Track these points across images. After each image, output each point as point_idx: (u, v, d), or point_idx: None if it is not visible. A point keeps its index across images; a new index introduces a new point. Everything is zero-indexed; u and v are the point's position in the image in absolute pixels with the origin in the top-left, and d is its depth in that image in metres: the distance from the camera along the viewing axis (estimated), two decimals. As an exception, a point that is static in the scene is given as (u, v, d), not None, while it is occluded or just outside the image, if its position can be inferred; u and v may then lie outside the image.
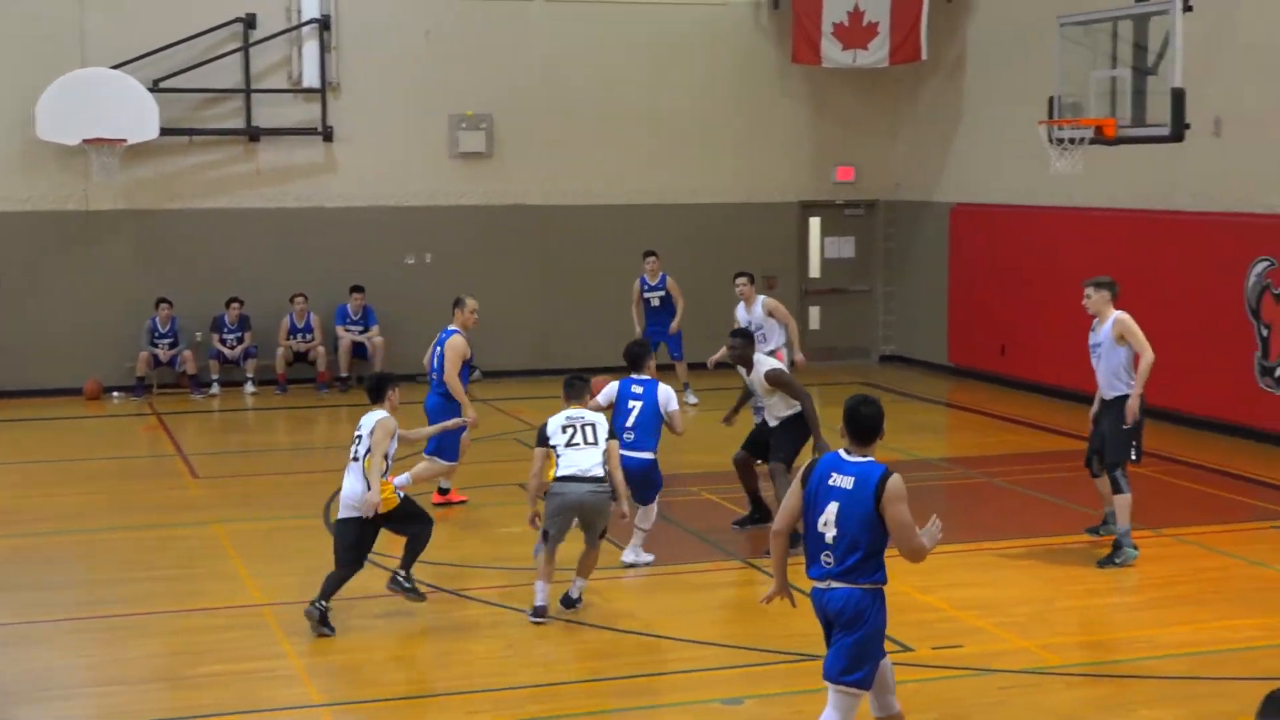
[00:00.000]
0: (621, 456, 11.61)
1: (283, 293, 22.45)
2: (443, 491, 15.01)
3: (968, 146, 23.50)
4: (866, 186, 25.28)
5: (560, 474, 11.12)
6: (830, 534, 7.40)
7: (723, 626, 11.04)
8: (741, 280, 17.66)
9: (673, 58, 24.08)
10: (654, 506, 12.73)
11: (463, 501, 15.06)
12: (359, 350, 22.55)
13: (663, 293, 21.21)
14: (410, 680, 10.02)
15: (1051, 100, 17.01)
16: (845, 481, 7.42)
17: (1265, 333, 17.52)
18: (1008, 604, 11.46)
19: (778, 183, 24.79)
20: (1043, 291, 21.08)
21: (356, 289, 22.47)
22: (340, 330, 22.52)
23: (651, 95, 23.99)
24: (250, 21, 22.40)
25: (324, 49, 22.61)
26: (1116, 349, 12.61)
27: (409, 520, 11.30)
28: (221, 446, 18.88)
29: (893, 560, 7.57)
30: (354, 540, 11.07)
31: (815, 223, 25.31)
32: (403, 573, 11.30)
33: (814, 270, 25.31)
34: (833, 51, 23.54)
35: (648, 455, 12.54)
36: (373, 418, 11.20)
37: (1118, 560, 12.47)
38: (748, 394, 14.11)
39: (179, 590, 12.13)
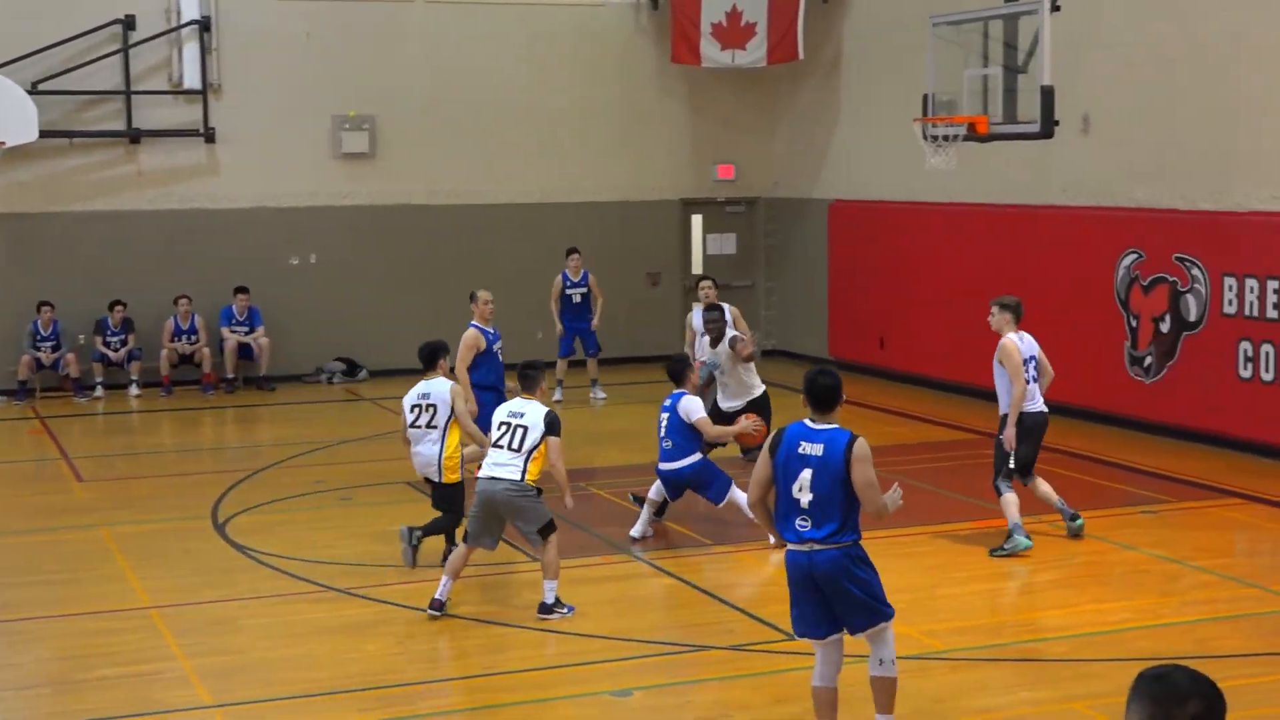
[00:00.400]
0: (664, 469, 12.97)
1: (166, 295, 22.21)
2: None
3: (845, 144, 23.74)
4: (747, 184, 25.47)
5: (482, 471, 11.16)
6: (805, 499, 7.79)
7: (611, 620, 11.10)
8: (706, 284, 16.92)
9: (554, 58, 24.10)
10: (734, 494, 13.05)
11: None
12: (245, 351, 22.36)
13: (584, 289, 21.22)
14: (301, 679, 9.98)
15: (925, 98, 17.22)
16: (815, 449, 7.80)
17: (1134, 323, 17.88)
18: (891, 591, 11.55)
19: (660, 181, 24.91)
20: (920, 285, 21.36)
21: (241, 290, 22.29)
22: (225, 332, 22.31)
23: (533, 95, 24.00)
24: (129, 23, 22.13)
25: (204, 50, 22.38)
26: (1001, 370, 12.77)
27: (450, 504, 12.25)
28: (106, 449, 18.64)
29: (775, 551, 7.65)
30: (447, 495, 12.07)
31: (697, 220, 25.47)
32: (419, 533, 12.16)
33: (696, 266, 25.46)
34: (711, 51, 23.69)
35: (686, 462, 13.02)
36: (441, 385, 11.67)
37: (1006, 547, 12.68)
38: (711, 377, 14.86)
39: (66, 594, 11.98)
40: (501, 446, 11.11)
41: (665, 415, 13.18)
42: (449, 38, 23.59)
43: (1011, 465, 12.83)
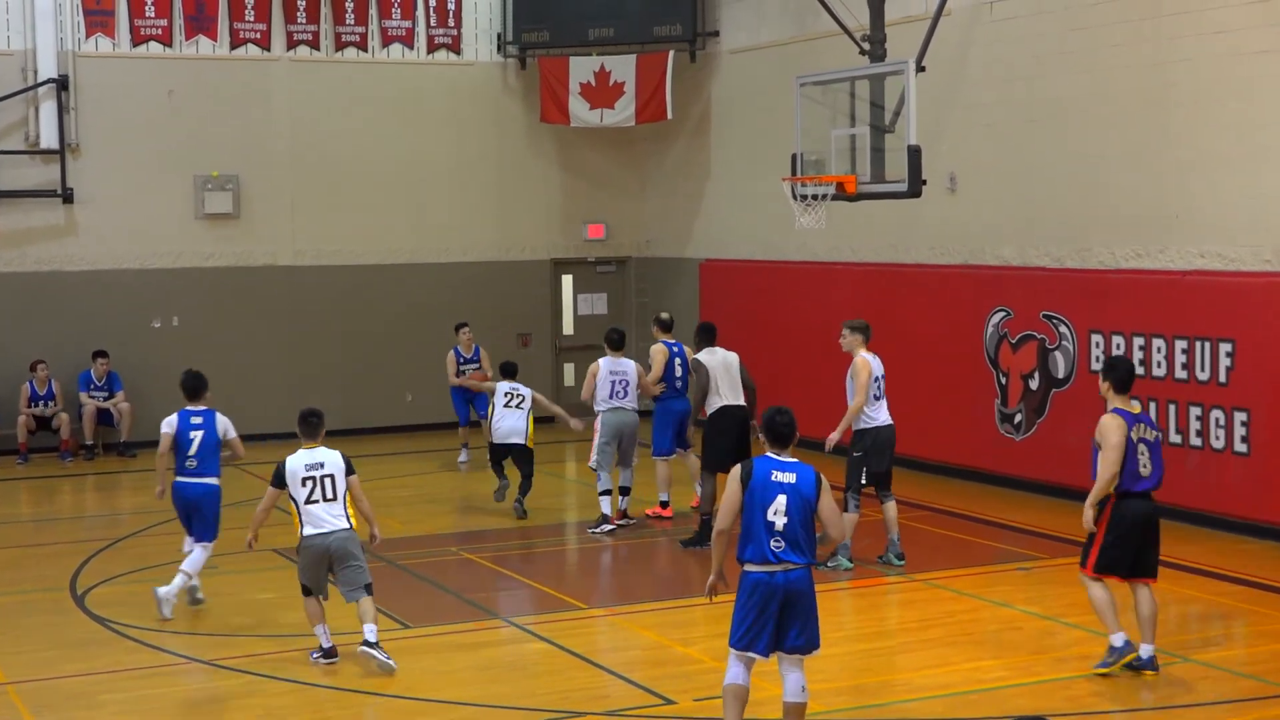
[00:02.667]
0: None
1: (22, 359, 21.75)
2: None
3: (715, 203, 23.90)
4: (618, 243, 25.54)
5: (305, 533, 11.23)
6: (781, 522, 8.78)
7: (485, 687, 10.97)
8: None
9: (421, 117, 24.04)
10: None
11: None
12: (104, 417, 21.94)
13: (477, 365, 21.00)
14: (165, 756, 9.73)
15: (794, 158, 17.39)
16: (788, 477, 8.85)
17: (1004, 380, 18.11)
18: (766, 653, 11.59)
19: (530, 241, 24.89)
20: (791, 344, 21.49)
21: (100, 354, 21.88)
22: (84, 397, 21.88)
23: (401, 154, 23.92)
24: (-16, 81, 21.78)
25: (62, 109, 22.03)
26: (850, 385, 13.98)
27: (529, 462, 16.82)
28: (-41, 520, 18.15)
29: (648, 614, 7.61)
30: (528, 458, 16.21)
31: (568, 280, 25.47)
32: (520, 502, 16.51)
33: (568, 327, 25.45)
34: (580, 111, 23.77)
35: None
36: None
37: (829, 564, 13.61)
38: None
39: (-84, 672, 11.61)
40: (317, 500, 11.38)
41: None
42: (314, 96, 23.45)
43: (864, 481, 13.88)
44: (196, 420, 13.33)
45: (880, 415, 14.14)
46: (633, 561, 15.36)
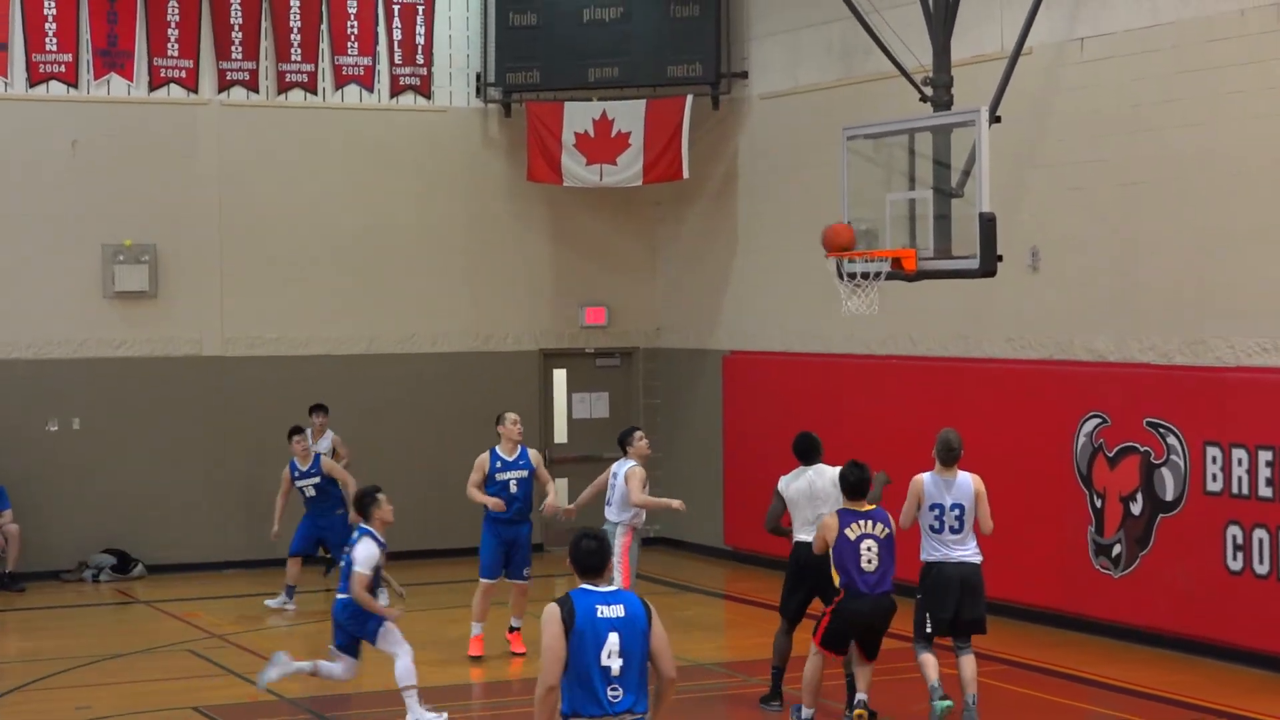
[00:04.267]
0: None
1: (-113, 470, 21.82)
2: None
3: (742, 282, 23.94)
4: (622, 331, 25.59)
5: None
6: (617, 665, 8.88)
7: None
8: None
9: (382, 175, 24.18)
10: None
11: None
12: (-14, 542, 21.92)
13: (316, 477, 20.93)
14: None
15: (840, 227, 17.42)
16: (615, 610, 8.95)
17: (1099, 503, 18.07)
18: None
19: (513, 327, 24.94)
20: (837, 455, 21.41)
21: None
22: (-40, 517, 21.88)
23: (357, 221, 24.01)
24: None
25: (-58, 163, 22.25)
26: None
27: None
28: None
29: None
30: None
31: (560, 375, 25.51)
32: None
33: (560, 434, 25.45)
34: (575, 167, 23.89)
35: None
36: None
37: (935, 704, 14.15)
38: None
39: None
40: None
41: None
42: (250, 148, 23.60)
43: (928, 629, 14.40)
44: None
45: (942, 550, 14.34)
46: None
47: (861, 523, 13.95)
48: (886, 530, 13.96)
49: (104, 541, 22.87)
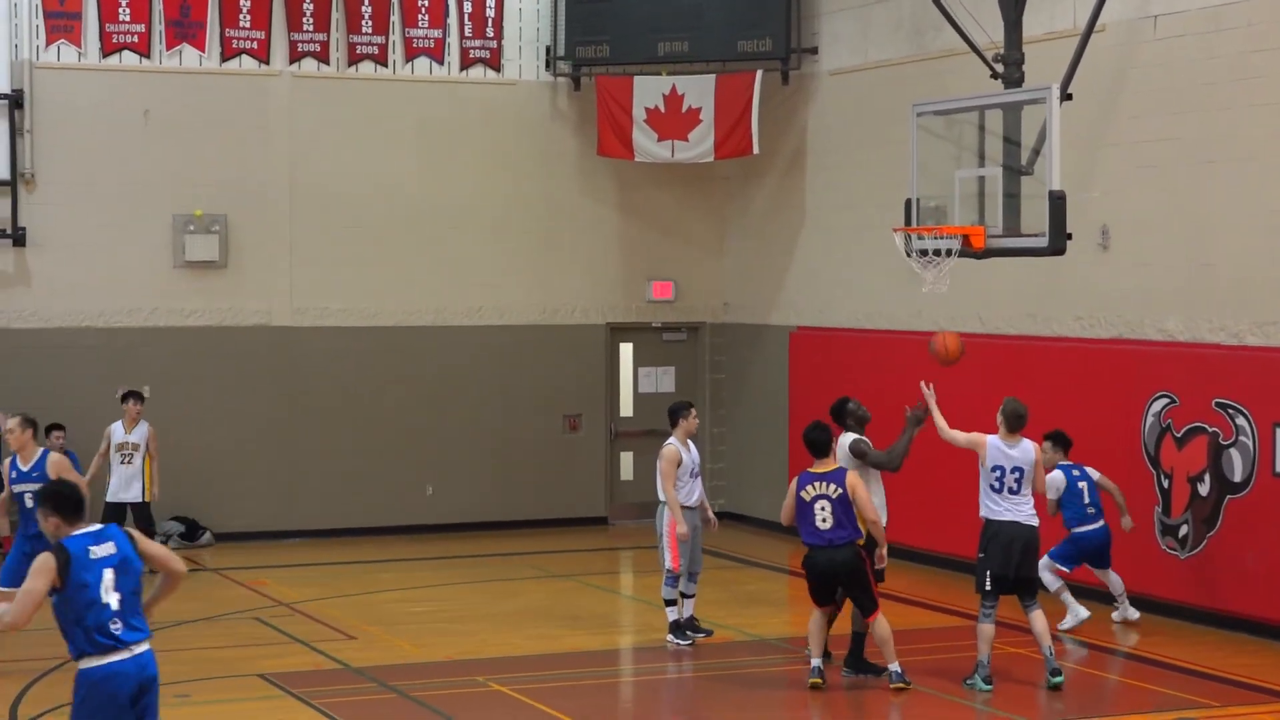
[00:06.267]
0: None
1: (-41, 435, 21.94)
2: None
3: (810, 258, 23.89)
4: (689, 306, 25.57)
5: None
6: (115, 600, 9.35)
7: None
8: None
9: (452, 147, 24.20)
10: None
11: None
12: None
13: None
14: None
15: (909, 203, 17.37)
16: (105, 549, 9.37)
17: (1166, 484, 17.97)
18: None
19: (580, 300, 24.96)
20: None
21: (56, 427, 21.99)
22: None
23: (425, 193, 24.06)
24: (-78, 97, 22.13)
25: (15, 132, 22.33)
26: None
27: None
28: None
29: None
30: None
31: (626, 349, 25.51)
32: None
33: (626, 408, 25.46)
34: (647, 143, 23.87)
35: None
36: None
37: (966, 683, 14.90)
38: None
39: None
40: None
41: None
42: (320, 120, 23.65)
43: (988, 585, 14.89)
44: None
45: (1003, 508, 14.95)
46: (721, 693, 15.35)
47: (817, 484, 14.74)
48: (839, 490, 14.65)
49: (172, 509, 22.98)
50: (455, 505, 23.88)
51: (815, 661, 14.91)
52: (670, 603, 16.76)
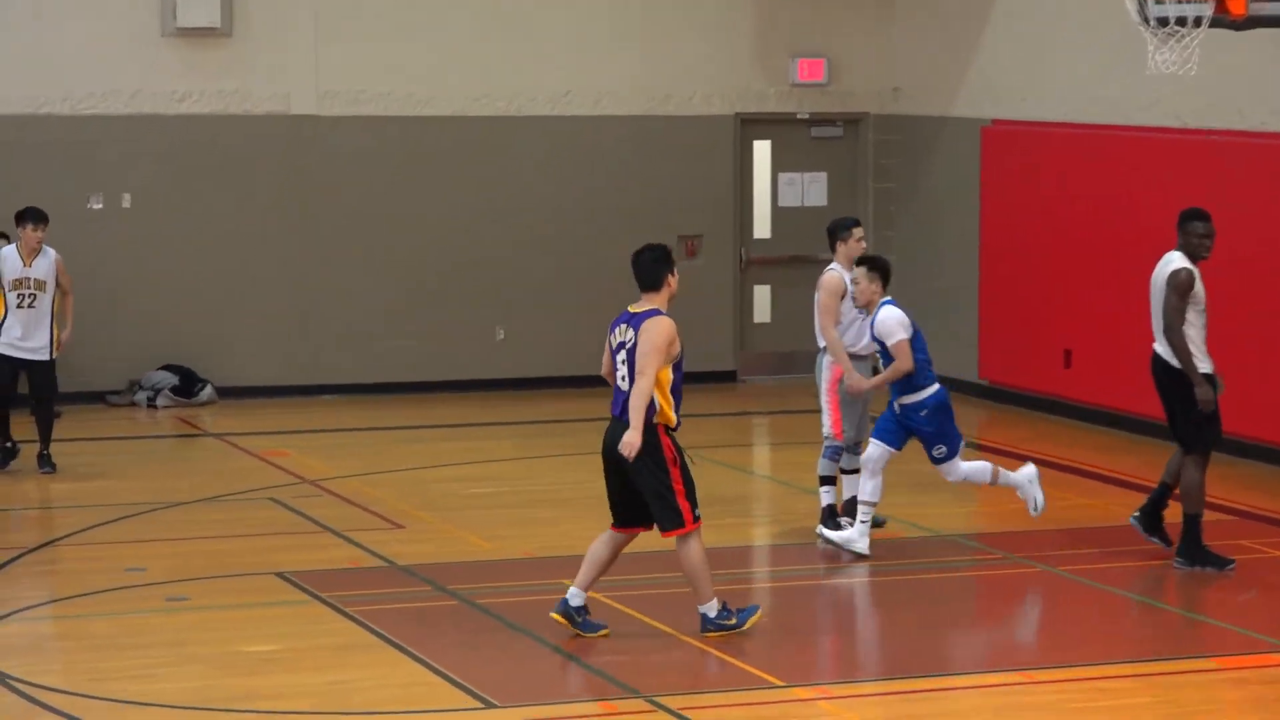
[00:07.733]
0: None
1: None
2: None
3: (1006, 30, 23.80)
4: (846, 92, 25.49)
5: None
6: None
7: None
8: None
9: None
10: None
11: None
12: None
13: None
14: None
15: (1142, -40, 17.27)
16: None
17: None
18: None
19: (701, 83, 24.91)
20: (1131, 262, 21.26)
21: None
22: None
23: (495, -62, 24.08)
24: None
25: None
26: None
27: None
28: None
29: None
30: None
31: (762, 148, 25.49)
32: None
33: (761, 228, 25.46)
34: None
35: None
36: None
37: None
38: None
39: None
40: None
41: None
42: None
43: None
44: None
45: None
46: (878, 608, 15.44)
47: (622, 328, 14.15)
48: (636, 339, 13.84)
49: (162, 356, 23.20)
50: (532, 355, 23.97)
51: (573, 591, 13.89)
52: (827, 480, 16.74)
